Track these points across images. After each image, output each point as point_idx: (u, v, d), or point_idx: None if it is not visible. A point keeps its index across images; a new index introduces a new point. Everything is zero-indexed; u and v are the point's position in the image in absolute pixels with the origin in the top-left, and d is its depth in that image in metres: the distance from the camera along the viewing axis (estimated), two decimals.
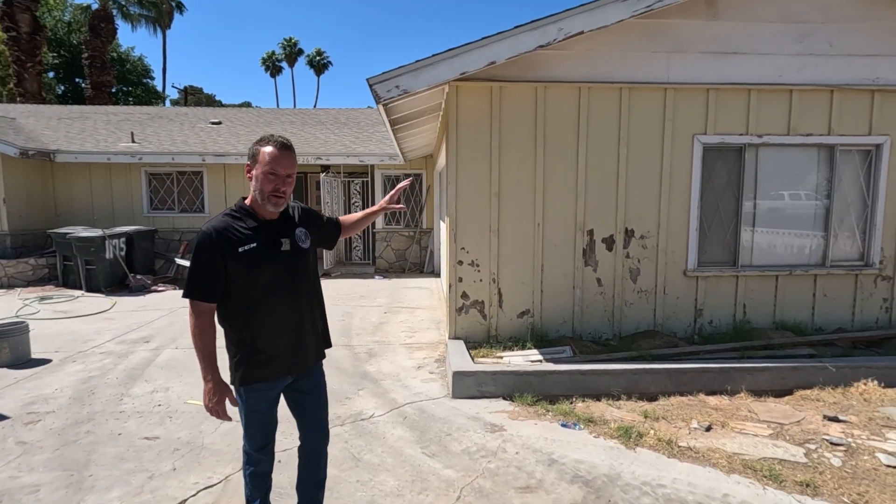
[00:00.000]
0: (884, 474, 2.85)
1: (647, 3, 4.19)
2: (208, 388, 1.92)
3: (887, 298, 5.02)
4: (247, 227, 1.90)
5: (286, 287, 1.95)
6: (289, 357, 2.00)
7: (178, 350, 5.23)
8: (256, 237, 1.89)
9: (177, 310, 7.16)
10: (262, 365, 1.95)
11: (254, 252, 1.87)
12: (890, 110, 4.79)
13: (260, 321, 1.92)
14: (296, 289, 1.98)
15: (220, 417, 1.95)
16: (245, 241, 1.87)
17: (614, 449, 3.16)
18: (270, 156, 1.87)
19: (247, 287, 1.89)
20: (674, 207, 4.80)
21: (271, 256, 1.92)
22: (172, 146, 10.94)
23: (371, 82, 4.22)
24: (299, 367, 2.04)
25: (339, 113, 15.05)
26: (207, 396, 1.92)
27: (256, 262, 1.88)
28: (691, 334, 4.90)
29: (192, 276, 1.89)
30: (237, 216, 1.93)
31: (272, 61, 46.66)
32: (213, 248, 1.85)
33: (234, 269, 1.86)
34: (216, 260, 1.85)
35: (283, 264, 1.95)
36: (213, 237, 1.85)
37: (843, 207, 4.95)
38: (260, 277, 1.89)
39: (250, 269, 1.87)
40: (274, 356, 1.96)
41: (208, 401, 1.91)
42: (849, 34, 4.63)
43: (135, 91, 29.96)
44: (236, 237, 1.87)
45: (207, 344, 1.90)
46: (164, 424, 3.52)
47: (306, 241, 2.04)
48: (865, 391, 3.91)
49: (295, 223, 2.04)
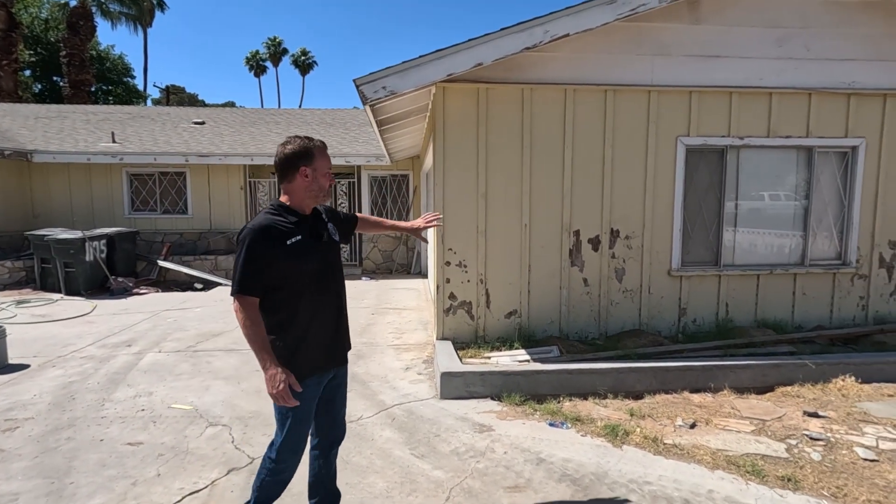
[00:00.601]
0: (861, 468, 2.93)
1: (631, 6, 4.25)
2: (271, 374, 1.88)
3: (864, 296, 5.15)
4: (289, 221, 1.98)
5: (327, 277, 2.06)
6: (333, 346, 2.10)
7: (161, 354, 5.15)
8: (300, 230, 1.99)
9: (160, 312, 7.04)
10: (312, 356, 2.01)
11: (300, 244, 1.96)
12: (865, 113, 4.92)
13: (308, 311, 1.99)
14: (334, 279, 2.10)
15: (288, 402, 1.91)
16: (291, 234, 1.95)
17: (601, 447, 3.19)
18: (325, 155, 2.05)
19: (295, 278, 1.95)
20: (658, 208, 4.86)
21: (315, 247, 2.02)
22: (154, 146, 10.76)
23: (358, 83, 4.20)
24: (341, 356, 2.15)
25: (324, 113, 14.96)
26: (272, 383, 1.89)
27: (304, 252, 1.96)
28: (676, 333, 4.98)
29: (244, 272, 1.89)
30: (277, 213, 1.99)
31: (256, 61, 46.19)
32: (264, 244, 1.90)
33: (282, 261, 1.91)
34: (266, 255, 1.90)
35: (324, 255, 2.06)
36: (262, 233, 1.91)
37: (821, 208, 5.07)
38: (306, 268, 1.97)
39: (298, 259, 1.94)
40: (322, 346, 2.04)
41: (273, 388, 1.88)
42: (825, 39, 4.75)
43: (115, 90, 29.41)
44: (283, 230, 1.94)
45: (262, 334, 1.90)
46: (147, 429, 3.47)
47: (336, 235, 2.18)
48: (843, 387, 4.01)
49: (324, 219, 2.15)
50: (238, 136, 11.95)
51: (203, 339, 5.68)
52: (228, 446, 3.23)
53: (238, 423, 3.57)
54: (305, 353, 2.00)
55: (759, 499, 2.65)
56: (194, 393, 4.11)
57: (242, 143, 11.35)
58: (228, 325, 6.35)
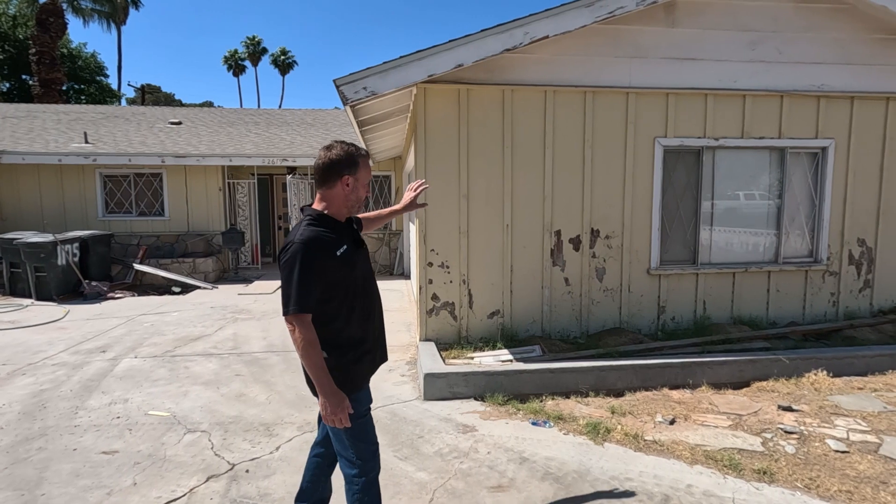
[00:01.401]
0: (833, 459, 3.02)
1: (608, 9, 4.31)
2: (335, 400, 1.83)
3: (834, 293, 5.31)
4: (332, 232, 1.94)
5: (370, 282, 2.08)
6: (379, 348, 2.12)
7: (137, 359, 5.03)
8: (344, 239, 1.97)
9: (136, 317, 6.88)
10: (366, 364, 2.03)
11: (348, 252, 1.95)
12: (834, 115, 5.08)
13: (359, 320, 1.99)
14: (374, 283, 2.12)
15: (346, 425, 1.89)
16: (338, 245, 1.92)
17: (583, 445, 3.22)
18: (368, 166, 2.01)
19: (347, 286, 1.94)
20: (637, 208, 4.94)
21: (359, 254, 2.03)
22: (129, 147, 10.51)
23: (338, 83, 4.17)
24: (384, 356, 2.17)
25: (305, 113, 14.82)
26: (330, 408, 1.83)
27: (352, 261, 1.96)
28: (655, 331, 5.06)
29: (300, 288, 1.79)
30: (319, 224, 1.92)
31: (235, 60, 45.47)
32: (317, 257, 1.85)
33: (334, 272, 1.89)
34: (321, 269, 1.85)
35: (365, 261, 2.09)
36: (314, 246, 1.84)
37: (794, 207, 5.21)
38: (355, 275, 1.97)
39: (349, 268, 1.94)
40: (372, 352, 2.06)
41: (331, 413, 1.84)
42: (796, 43, 4.88)
43: (88, 89, 28.61)
44: (330, 241, 1.90)
45: (320, 355, 1.85)
46: (123, 437, 3.38)
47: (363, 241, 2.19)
48: (816, 381, 4.13)
49: (352, 226, 2.12)
50: (216, 137, 11.75)
51: (181, 344, 5.57)
52: (208, 453, 3.17)
53: (218, 428, 3.51)
54: (361, 363, 2.00)
55: (736, 492, 2.71)
56: (172, 399, 4.02)
57: (220, 143, 11.16)
58: (207, 328, 6.24)
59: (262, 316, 6.92)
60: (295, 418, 3.67)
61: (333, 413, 1.85)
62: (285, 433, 3.43)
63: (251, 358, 5.08)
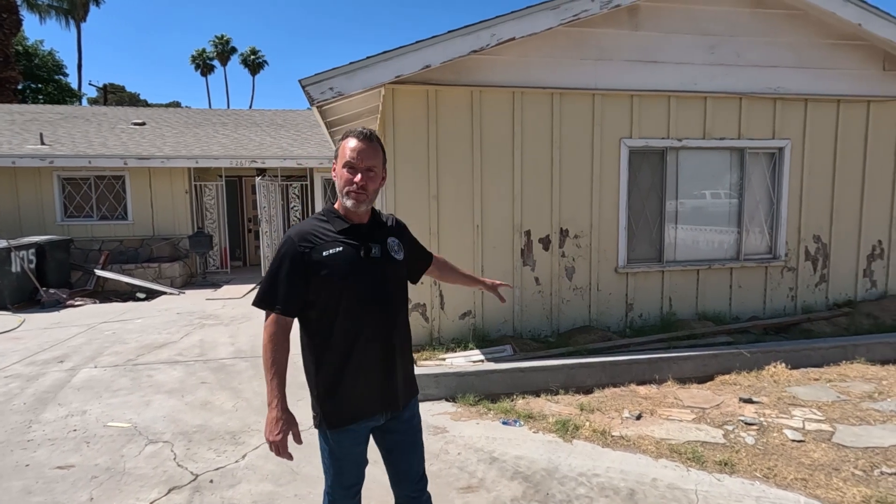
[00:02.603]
0: (790, 448, 3.13)
1: (573, 12, 4.37)
2: (272, 416, 1.63)
3: (792, 288, 5.52)
4: (334, 229, 1.69)
5: (375, 301, 1.69)
6: (380, 388, 1.72)
7: (97, 369, 4.84)
8: (343, 241, 1.67)
9: (96, 325, 6.63)
10: (351, 397, 1.69)
11: (339, 257, 1.64)
12: (790, 116, 5.28)
13: (346, 339, 1.66)
14: (387, 305, 1.71)
15: (282, 455, 1.65)
16: (330, 245, 1.65)
17: (553, 443, 3.25)
18: (349, 147, 1.69)
19: (331, 298, 1.64)
20: (604, 208, 5.02)
21: (359, 263, 1.67)
22: (89, 148, 10.13)
23: (304, 84, 4.11)
24: (391, 399, 1.75)
25: (275, 114, 14.58)
26: (269, 427, 1.63)
27: (342, 268, 1.64)
28: (623, 328, 5.15)
29: (267, 283, 1.66)
30: (324, 219, 1.72)
31: (203, 59, 44.35)
32: (295, 254, 1.63)
33: (317, 276, 1.63)
34: (297, 268, 1.63)
35: (373, 274, 1.69)
36: (295, 241, 1.64)
37: (753, 205, 5.39)
38: (345, 286, 1.64)
39: (334, 276, 1.63)
40: (364, 384, 1.70)
41: (269, 433, 1.63)
42: (753, 47, 5.05)
43: (45, 88, 27.48)
44: (321, 240, 1.65)
45: (277, 361, 1.64)
46: (80, 451, 3.25)
47: (399, 253, 1.79)
48: (775, 373, 4.28)
49: (387, 232, 1.80)
50: (182, 138, 11.44)
51: (145, 352, 5.39)
52: (170, 464, 3.07)
53: (181, 438, 3.41)
54: (343, 393, 1.68)
55: (698, 484, 2.78)
56: (133, 409, 3.89)
57: (186, 144, 10.87)
58: (173, 335, 6.06)
59: (230, 321, 6.76)
60: (262, 425, 3.56)
61: (270, 434, 1.62)
62: (252, 441, 3.36)
63: (218, 364, 4.95)
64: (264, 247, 10.07)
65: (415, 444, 1.86)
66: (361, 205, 1.69)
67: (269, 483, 2.85)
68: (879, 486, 2.72)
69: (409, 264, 1.89)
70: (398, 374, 1.76)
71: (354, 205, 1.68)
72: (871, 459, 2.97)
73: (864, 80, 5.32)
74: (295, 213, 11.26)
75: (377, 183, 1.72)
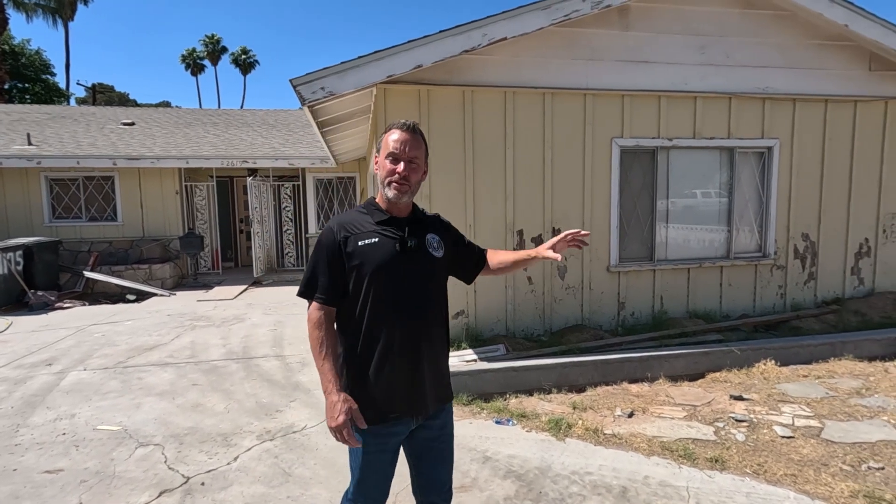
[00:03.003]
0: (780, 444, 3.16)
1: (564, 12, 4.39)
2: (331, 402, 1.58)
3: (782, 285, 5.57)
4: (373, 220, 1.68)
5: (408, 297, 1.64)
6: (407, 390, 1.66)
7: (86, 372, 4.79)
8: (380, 232, 1.65)
9: (86, 327, 6.56)
10: (378, 396, 1.64)
11: (374, 247, 1.62)
12: (778, 116, 5.33)
13: (373, 334, 1.63)
14: (420, 303, 1.67)
15: (347, 441, 1.59)
16: (367, 235, 1.64)
17: (545, 441, 3.26)
18: (392, 138, 1.67)
19: (361, 291, 1.62)
20: (596, 207, 5.05)
21: (395, 256, 1.63)
22: (77, 149, 10.02)
23: (295, 83, 4.09)
24: (422, 404, 1.68)
25: (266, 114, 14.50)
26: (329, 413, 1.59)
27: (376, 259, 1.61)
28: (615, 326, 5.18)
29: (308, 273, 1.68)
30: (364, 211, 1.72)
31: (193, 59, 43.97)
32: (332, 243, 1.64)
33: (351, 266, 1.63)
34: (335, 256, 1.63)
35: (408, 269, 1.65)
36: (334, 230, 1.66)
37: (743, 204, 5.44)
38: (376, 279, 1.61)
39: (368, 266, 1.61)
40: (394, 384, 1.64)
41: (330, 419, 1.58)
42: (742, 47, 5.10)
43: (33, 88, 27.11)
44: (359, 230, 1.65)
45: (327, 345, 1.62)
46: (69, 455, 3.21)
47: (439, 250, 1.73)
48: (765, 370, 4.32)
49: (428, 227, 1.76)
50: (172, 138, 11.35)
51: (135, 354, 5.34)
52: (161, 467, 3.05)
53: (172, 441, 3.38)
54: (367, 389, 1.63)
55: (690, 481, 2.80)
56: (123, 412, 3.85)
57: (177, 144, 10.79)
58: (163, 337, 6.01)
59: (221, 323, 6.72)
60: (254, 427, 3.57)
61: (332, 419, 1.58)
62: (244, 442, 3.34)
63: (209, 366, 4.92)
64: (256, 247, 10.01)
65: (445, 454, 1.79)
66: (403, 196, 1.66)
67: (261, 485, 2.83)
68: (867, 480, 2.75)
69: (458, 264, 1.85)
70: (426, 374, 1.68)
71: (396, 195, 1.65)
72: (859, 455, 3.01)
73: (851, 80, 5.39)
74: (287, 213, 11.21)
75: (419, 175, 1.70)
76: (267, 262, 10.75)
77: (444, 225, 1.85)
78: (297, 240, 11.27)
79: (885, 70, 5.41)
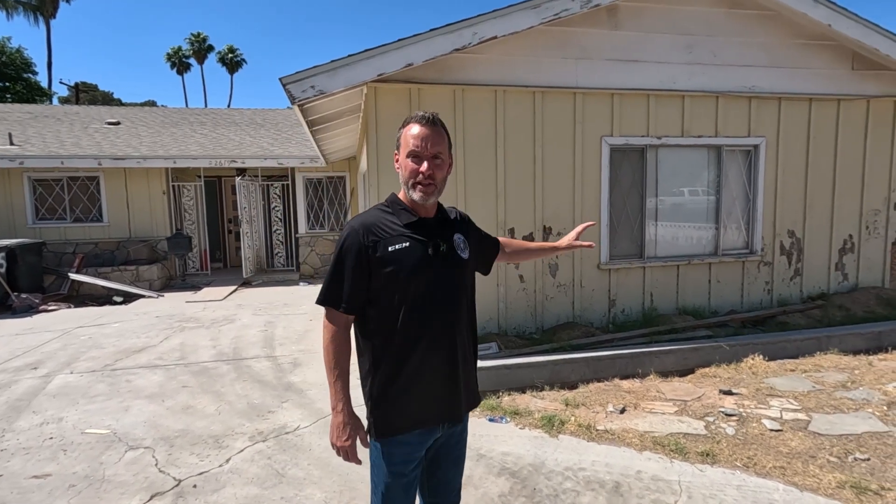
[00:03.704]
0: (768, 438, 3.21)
1: (554, 11, 4.41)
2: (338, 421, 1.55)
3: (769, 281, 5.66)
4: (400, 222, 1.56)
5: (441, 302, 1.56)
6: (441, 396, 1.58)
7: (73, 375, 4.71)
8: (410, 235, 1.55)
9: (72, 330, 6.45)
10: (410, 405, 1.55)
11: (405, 253, 1.52)
12: (764, 114, 5.41)
13: (407, 343, 1.53)
14: (453, 307, 1.58)
15: (350, 459, 1.57)
16: (396, 240, 1.53)
17: (539, 438, 3.28)
18: (411, 134, 1.54)
19: (394, 297, 1.53)
20: (587, 205, 5.08)
21: (426, 261, 1.54)
22: (61, 149, 9.85)
23: (284, 82, 4.06)
24: (455, 411, 1.61)
25: (254, 113, 14.37)
26: (336, 433, 1.55)
27: (408, 265, 1.52)
28: (606, 323, 5.22)
29: (329, 278, 1.55)
30: (389, 211, 1.60)
31: (179, 57, 43.45)
32: (359, 248, 1.52)
33: (380, 273, 1.52)
34: (361, 262, 1.52)
35: (439, 273, 1.56)
36: (360, 233, 1.53)
37: (730, 201, 5.51)
38: (411, 285, 1.52)
39: (400, 273, 1.51)
40: (427, 392, 1.56)
41: (336, 437, 1.55)
42: (729, 47, 5.16)
43: (13, 87, 26.59)
44: (387, 234, 1.53)
45: (340, 363, 1.55)
46: (56, 459, 3.16)
47: (465, 251, 1.65)
48: (753, 365, 4.38)
49: (453, 228, 1.67)
50: (158, 138, 11.20)
51: (123, 357, 5.27)
52: (151, 470, 3.01)
53: (162, 443, 3.34)
54: (399, 398, 1.56)
55: (681, 475, 2.83)
56: (112, 415, 3.80)
57: (163, 144, 10.65)
58: (152, 339, 5.94)
59: (211, 324, 6.65)
60: (246, 428, 3.54)
61: (336, 438, 1.55)
62: (236, 444, 3.31)
63: (199, 368, 4.87)
64: (245, 248, 9.92)
65: (460, 458, 1.75)
66: (430, 197, 1.55)
67: (254, 486, 2.81)
68: (853, 471, 2.81)
69: (478, 257, 1.79)
70: (461, 382, 1.61)
71: (423, 197, 1.54)
72: (845, 446, 3.07)
73: (835, 79, 5.48)
74: (276, 213, 11.12)
75: (445, 170, 1.58)
76: (256, 263, 10.67)
77: (466, 221, 1.77)
78: (286, 240, 11.19)
79: (867, 69, 5.51)
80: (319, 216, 10.95)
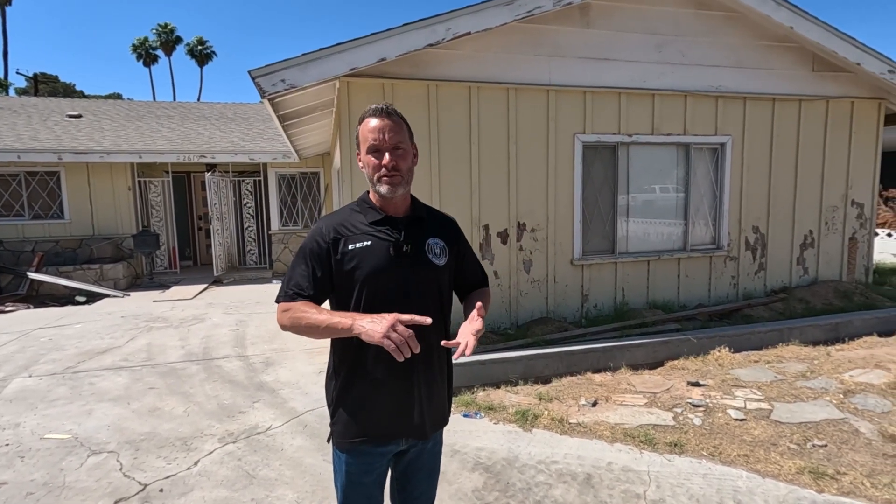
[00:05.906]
0: (733, 427, 3.32)
1: (527, 8, 4.43)
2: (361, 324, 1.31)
3: (734, 276, 5.83)
4: (366, 221, 1.50)
5: (402, 307, 1.38)
6: (397, 411, 1.49)
7: (32, 378, 4.52)
8: (373, 234, 1.48)
9: (31, 332, 6.18)
10: (362, 417, 1.48)
11: (366, 251, 1.45)
12: (730, 114, 5.56)
13: (361, 348, 1.42)
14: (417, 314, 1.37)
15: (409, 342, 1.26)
16: (359, 238, 1.47)
17: (512, 433, 3.31)
18: (368, 128, 1.48)
19: (350, 297, 1.46)
20: (560, 202, 5.13)
21: (389, 260, 1.46)
22: (17, 142, 9.40)
23: (254, 75, 3.97)
24: (414, 429, 1.51)
25: (225, 107, 14.01)
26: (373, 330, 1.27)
27: (368, 264, 1.44)
28: (579, 318, 5.30)
29: (288, 275, 1.50)
30: (357, 210, 1.54)
31: (145, 49, 41.97)
32: (320, 249, 1.46)
33: (341, 271, 1.46)
34: (322, 261, 1.46)
35: (404, 275, 1.47)
36: (322, 231, 1.48)
37: (699, 198, 5.65)
38: (367, 286, 1.44)
39: (358, 272, 1.44)
40: (384, 403, 1.48)
41: (377, 334, 1.26)
42: (696, 47, 5.28)
43: None
44: (350, 232, 1.48)
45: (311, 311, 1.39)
46: (13, 467, 3.02)
47: (441, 257, 1.54)
48: (720, 357, 4.52)
49: (426, 228, 1.57)
50: (123, 132, 10.81)
51: (85, 359, 5.08)
52: (115, 475, 2.91)
53: (127, 447, 3.24)
54: (354, 408, 1.49)
55: (650, 465, 2.90)
56: (73, 419, 3.66)
57: (128, 138, 10.29)
58: (117, 340, 5.74)
59: (180, 323, 6.47)
60: (216, 430, 3.46)
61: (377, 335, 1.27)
62: (205, 446, 3.23)
63: (167, 369, 4.73)
64: (216, 245, 9.69)
65: (433, 471, 1.66)
66: (398, 188, 1.49)
67: (224, 489, 2.75)
68: (812, 457, 2.92)
69: (456, 278, 1.66)
70: (422, 395, 1.50)
71: (390, 190, 1.48)
72: (805, 434, 3.20)
73: (796, 80, 5.68)
74: (248, 210, 10.89)
75: (409, 160, 1.52)
76: (228, 261, 10.43)
77: (454, 231, 1.65)
78: (258, 237, 10.97)
79: (827, 70, 5.73)
80: (293, 213, 10.77)
